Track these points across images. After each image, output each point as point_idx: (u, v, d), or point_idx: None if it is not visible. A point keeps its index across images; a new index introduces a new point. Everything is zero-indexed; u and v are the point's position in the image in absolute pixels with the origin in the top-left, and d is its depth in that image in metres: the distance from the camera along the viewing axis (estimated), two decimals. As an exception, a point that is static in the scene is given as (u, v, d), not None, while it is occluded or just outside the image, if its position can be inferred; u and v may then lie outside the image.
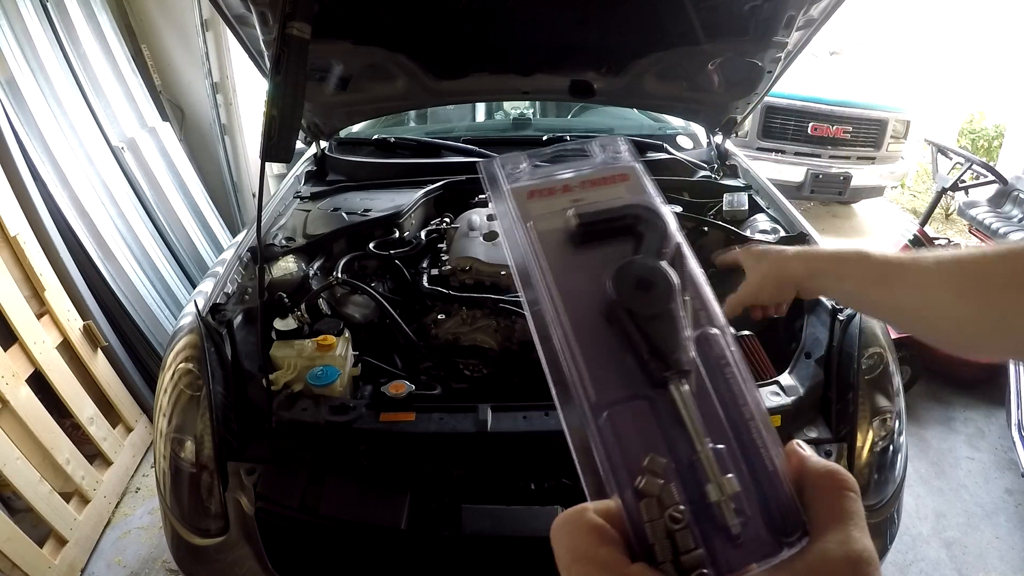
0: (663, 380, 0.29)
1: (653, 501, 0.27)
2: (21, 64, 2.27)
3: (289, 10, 1.18)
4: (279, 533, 1.16)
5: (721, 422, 0.29)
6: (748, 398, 0.30)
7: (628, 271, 0.31)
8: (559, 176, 0.36)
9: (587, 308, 0.31)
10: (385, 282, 1.66)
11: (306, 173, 2.11)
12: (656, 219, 0.34)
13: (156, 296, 2.60)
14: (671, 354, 0.29)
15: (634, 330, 0.30)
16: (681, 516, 0.27)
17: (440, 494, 1.16)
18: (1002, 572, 1.97)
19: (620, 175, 0.36)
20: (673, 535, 0.26)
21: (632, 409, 0.29)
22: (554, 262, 0.32)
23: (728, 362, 0.31)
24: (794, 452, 0.30)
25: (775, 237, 1.64)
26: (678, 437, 0.29)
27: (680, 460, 0.28)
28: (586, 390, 0.29)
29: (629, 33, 1.65)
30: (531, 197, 0.35)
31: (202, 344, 1.24)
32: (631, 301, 0.30)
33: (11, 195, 2.01)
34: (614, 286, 0.31)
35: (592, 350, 0.30)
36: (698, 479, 0.28)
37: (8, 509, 1.81)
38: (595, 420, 0.29)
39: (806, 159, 4.27)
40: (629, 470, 0.28)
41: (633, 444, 0.28)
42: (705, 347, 0.31)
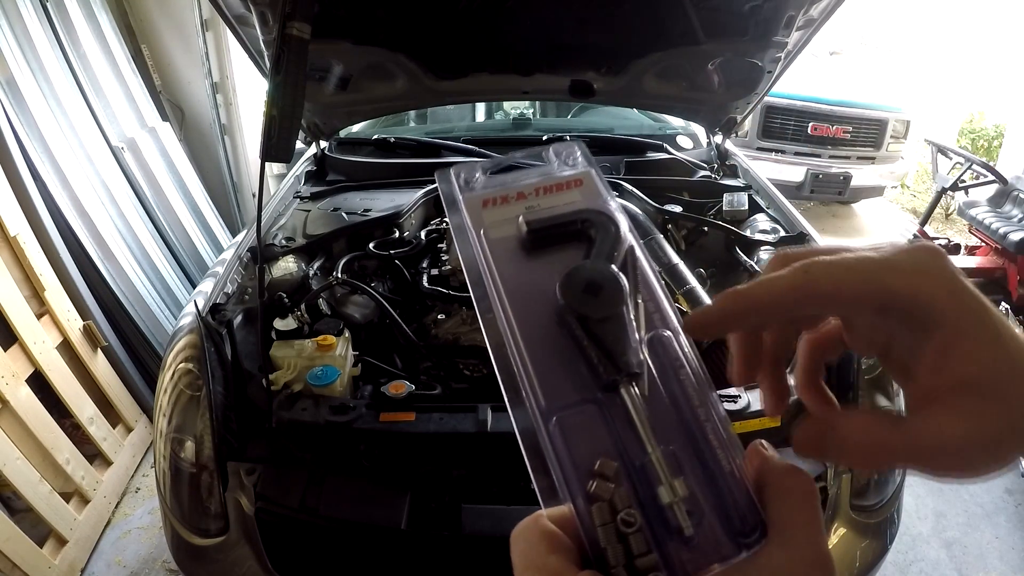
0: (613, 383, 0.29)
1: (605, 505, 0.27)
2: (21, 64, 2.27)
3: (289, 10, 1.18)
4: (279, 533, 1.16)
5: (674, 424, 0.29)
6: (704, 400, 0.30)
7: (576, 276, 0.31)
8: (513, 184, 0.36)
9: (538, 314, 0.31)
10: (385, 282, 1.66)
11: (306, 173, 2.11)
12: (607, 223, 0.34)
13: (156, 296, 2.60)
14: (620, 357, 0.29)
15: (583, 334, 0.30)
16: (633, 520, 0.26)
17: (440, 494, 1.16)
18: (1002, 572, 1.97)
19: (575, 180, 0.36)
20: (626, 538, 0.26)
21: (582, 413, 0.29)
22: (504, 269, 0.32)
23: (682, 364, 0.31)
24: (755, 452, 0.29)
25: (775, 238, 1.64)
26: (629, 440, 0.28)
27: (631, 463, 0.28)
28: (536, 396, 0.29)
29: (629, 33, 1.65)
30: (485, 206, 0.35)
31: (202, 344, 1.24)
32: (580, 305, 0.30)
33: (11, 195, 2.01)
34: (562, 291, 0.31)
35: (542, 356, 0.30)
36: (650, 482, 0.28)
37: (8, 509, 1.81)
38: (545, 425, 0.29)
39: (806, 159, 4.27)
40: (580, 474, 0.28)
41: (584, 448, 0.28)
42: (659, 349, 0.31)
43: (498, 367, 0.31)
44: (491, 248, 0.33)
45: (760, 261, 1.58)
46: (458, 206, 0.36)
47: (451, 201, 0.36)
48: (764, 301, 0.29)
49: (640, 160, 2.11)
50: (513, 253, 0.33)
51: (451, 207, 0.36)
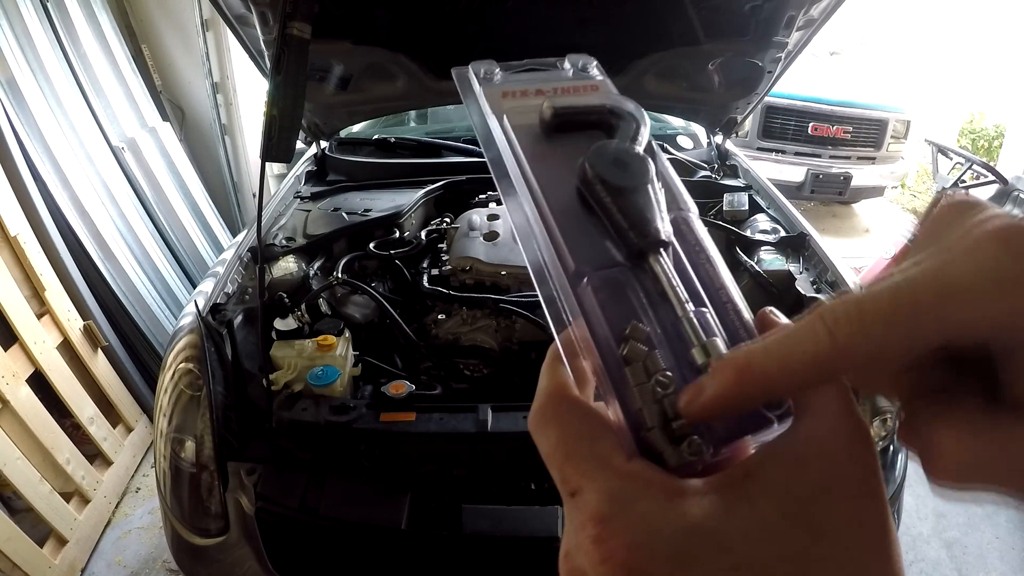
0: (642, 250, 0.29)
1: (639, 366, 0.26)
2: (21, 64, 2.27)
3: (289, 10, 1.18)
4: (279, 533, 1.16)
5: (700, 295, 0.29)
6: (723, 281, 0.29)
7: (604, 150, 0.31)
8: (532, 82, 0.36)
9: (563, 191, 0.31)
10: (385, 282, 1.66)
11: (306, 173, 2.11)
12: (629, 114, 0.34)
13: (156, 296, 2.60)
14: (651, 223, 0.29)
15: (611, 203, 0.29)
16: (668, 381, 0.25)
17: (440, 494, 1.16)
18: (1002, 572, 1.97)
19: (591, 86, 0.37)
20: (661, 401, 0.25)
21: (612, 277, 0.28)
22: (528, 149, 0.32)
23: (701, 247, 0.30)
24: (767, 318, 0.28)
25: (775, 238, 1.64)
26: (659, 305, 0.28)
27: (664, 327, 0.27)
28: (564, 260, 0.29)
29: (629, 33, 1.65)
30: (505, 97, 0.35)
31: (202, 344, 1.24)
32: (608, 175, 0.30)
33: (11, 195, 2.01)
34: (590, 161, 0.30)
35: (570, 226, 0.30)
36: (683, 345, 0.27)
37: (8, 509, 1.81)
38: (574, 288, 0.28)
39: (806, 159, 4.27)
40: (613, 337, 0.27)
41: (614, 313, 0.27)
42: (681, 230, 0.31)
43: (523, 245, 0.31)
44: (513, 130, 0.33)
45: (760, 261, 1.58)
46: (476, 95, 0.35)
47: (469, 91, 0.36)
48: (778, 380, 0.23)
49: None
50: (535, 137, 0.33)
51: (468, 98, 0.36)
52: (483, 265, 1.50)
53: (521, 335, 1.45)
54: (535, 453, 0.27)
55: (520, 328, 1.44)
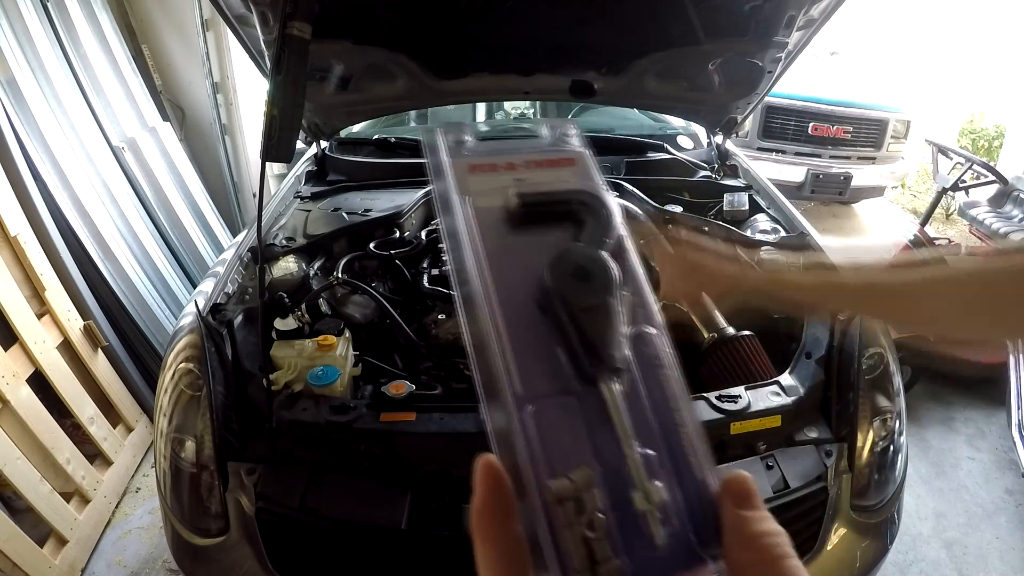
0: (594, 377, 0.28)
1: (571, 505, 0.25)
2: (21, 64, 2.27)
3: (289, 10, 1.18)
4: (279, 533, 1.16)
5: (651, 426, 0.28)
6: (680, 403, 0.28)
7: (567, 258, 0.29)
8: (503, 153, 0.34)
9: (521, 294, 0.29)
10: (385, 282, 1.65)
11: (306, 173, 2.11)
12: (600, 207, 0.32)
13: (156, 296, 2.60)
14: (605, 350, 0.28)
15: (568, 322, 0.28)
16: (599, 524, 0.25)
17: (440, 494, 1.16)
18: (1002, 572, 1.97)
19: (567, 159, 0.35)
20: (590, 542, 0.25)
21: (559, 405, 0.27)
22: (490, 242, 0.30)
23: (662, 364, 0.29)
24: (732, 511, 0.27)
25: (775, 238, 1.64)
26: (606, 438, 0.27)
27: (606, 462, 0.27)
28: (512, 381, 0.27)
29: (629, 33, 1.65)
30: (472, 171, 0.33)
31: (202, 344, 1.24)
32: (567, 290, 0.28)
33: (11, 195, 2.01)
34: (551, 273, 0.29)
35: (522, 339, 0.28)
36: (624, 484, 0.26)
37: (8, 509, 1.81)
38: (519, 413, 0.27)
39: (806, 159, 4.26)
40: (550, 470, 0.26)
41: (557, 442, 0.27)
42: (641, 346, 0.29)
43: (471, 345, 0.29)
44: (476, 217, 0.31)
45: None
46: (443, 168, 0.33)
47: (436, 162, 0.34)
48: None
49: (641, 160, 2.11)
50: (498, 225, 0.31)
51: (435, 167, 0.34)
52: (483, 265, 1.50)
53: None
54: None
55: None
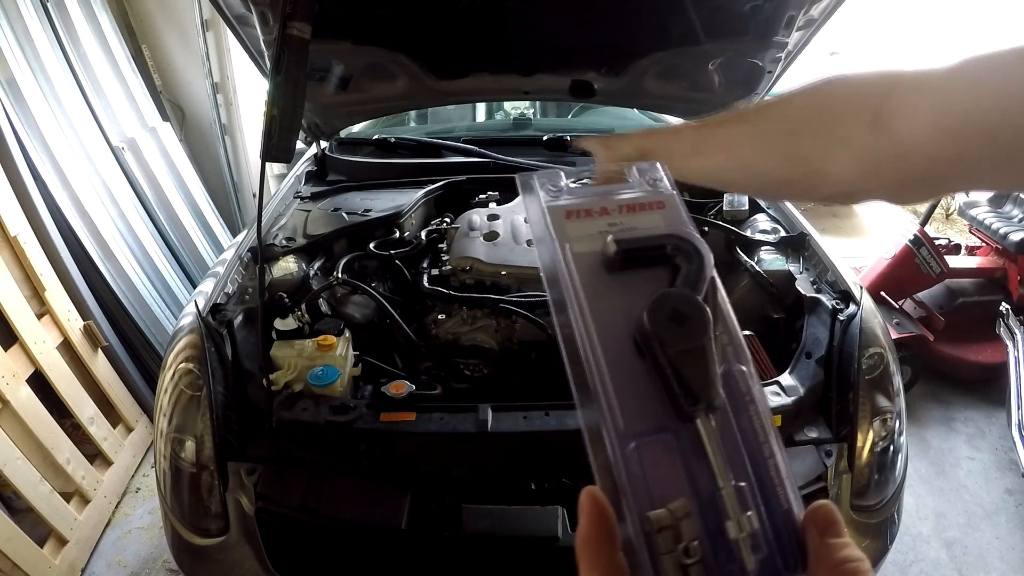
0: (691, 416, 0.30)
1: (669, 534, 0.27)
2: (21, 64, 2.27)
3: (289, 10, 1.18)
4: (279, 533, 1.16)
5: (743, 458, 0.30)
6: (768, 436, 0.31)
7: (665, 302, 0.31)
8: (597, 198, 0.36)
9: (618, 335, 0.31)
10: (385, 282, 1.66)
11: (306, 173, 2.11)
12: (694, 251, 0.34)
13: (156, 296, 2.60)
14: (701, 390, 0.30)
15: (666, 364, 0.30)
16: (695, 551, 0.27)
17: (440, 494, 1.16)
18: (1002, 572, 1.97)
19: (657, 202, 0.36)
20: (687, 569, 0.27)
21: (658, 441, 0.30)
22: (588, 286, 0.32)
23: (752, 399, 0.31)
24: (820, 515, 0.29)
25: (775, 238, 1.64)
26: (701, 471, 0.29)
27: (701, 494, 0.29)
28: (615, 419, 0.30)
29: (629, 33, 1.65)
30: (568, 217, 0.35)
31: (202, 344, 1.24)
32: (666, 333, 0.30)
33: (11, 195, 2.01)
34: (649, 316, 0.30)
35: (621, 378, 0.30)
36: (718, 514, 0.28)
37: (8, 509, 1.81)
38: (622, 449, 0.29)
39: (806, 159, 4.26)
40: (650, 501, 0.28)
41: (656, 475, 0.29)
42: (731, 383, 0.31)
43: (574, 384, 0.31)
44: (575, 262, 0.33)
45: (760, 261, 1.58)
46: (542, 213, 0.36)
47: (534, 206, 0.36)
48: None
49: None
50: (596, 270, 0.33)
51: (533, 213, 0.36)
52: (483, 265, 1.50)
53: (521, 335, 1.45)
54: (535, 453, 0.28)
55: (520, 328, 1.44)
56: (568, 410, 1.17)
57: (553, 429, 1.14)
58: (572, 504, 1.11)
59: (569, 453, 1.16)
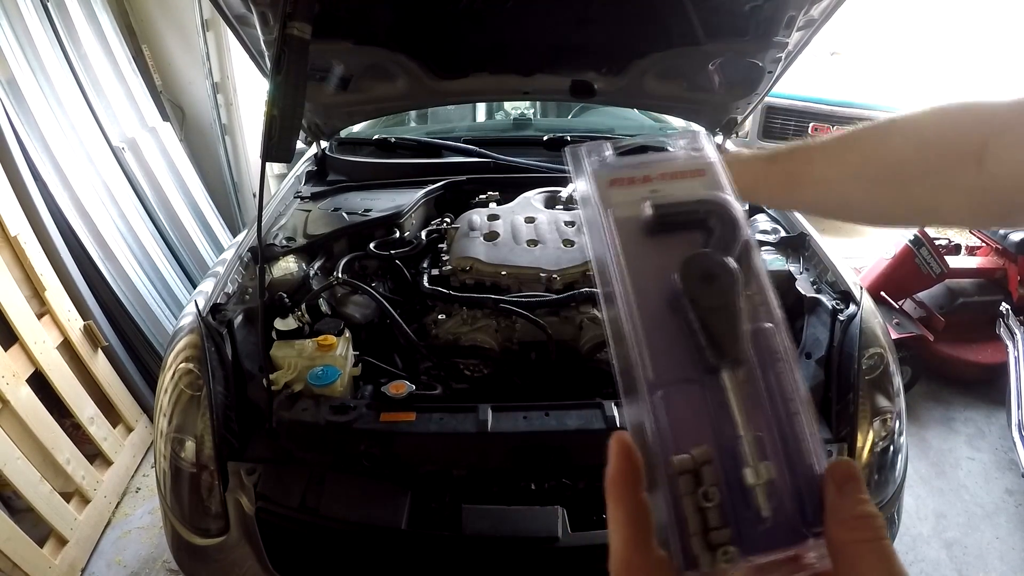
0: (716, 367, 0.31)
1: (690, 477, 0.29)
2: (21, 64, 2.27)
3: (289, 10, 1.18)
4: (279, 533, 1.16)
5: (766, 412, 0.31)
6: (796, 393, 0.32)
7: (695, 263, 0.33)
8: (640, 167, 0.38)
9: (654, 294, 0.33)
10: (385, 282, 1.65)
11: (306, 173, 2.11)
12: (728, 215, 0.35)
13: (156, 296, 2.60)
14: (727, 344, 0.31)
15: (695, 319, 0.32)
16: (713, 495, 0.29)
17: (440, 494, 1.16)
18: (1002, 572, 1.97)
19: (698, 170, 0.38)
20: (704, 511, 0.29)
21: (685, 391, 0.31)
22: (627, 248, 0.34)
23: (780, 357, 0.32)
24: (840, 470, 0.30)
25: (775, 238, 1.64)
26: (724, 421, 0.31)
27: (722, 443, 0.30)
28: (645, 369, 0.31)
29: (629, 33, 1.65)
30: (612, 185, 0.37)
31: (202, 344, 1.24)
32: (695, 292, 0.32)
33: (11, 195, 2.01)
34: (681, 276, 0.32)
35: (654, 333, 0.32)
36: (737, 462, 0.30)
37: (8, 509, 1.81)
38: (651, 397, 0.31)
39: (806, 159, 4.26)
40: (674, 446, 0.30)
41: (681, 423, 0.31)
42: (761, 340, 0.33)
43: (611, 335, 0.33)
44: (616, 227, 0.35)
45: (762, 261, 1.58)
46: (587, 181, 0.38)
47: (581, 174, 0.38)
48: None
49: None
50: (636, 233, 0.35)
51: (580, 181, 0.38)
52: (483, 265, 1.50)
53: (521, 335, 1.45)
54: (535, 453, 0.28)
55: (520, 328, 1.44)
56: (568, 410, 1.17)
57: (553, 429, 1.14)
58: (572, 504, 1.12)
59: (569, 453, 1.16)
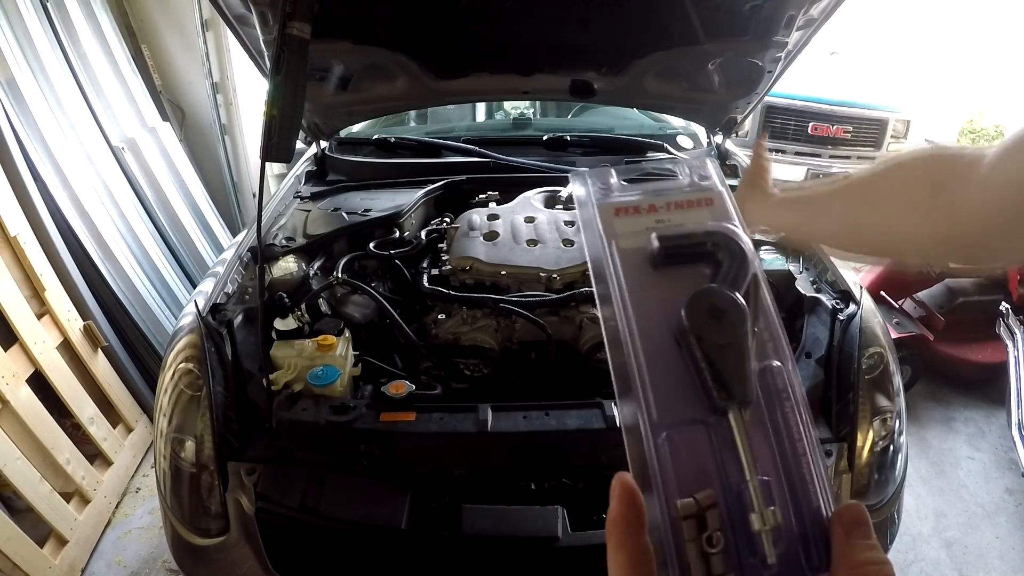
0: (724, 409, 0.30)
1: (694, 522, 0.29)
2: (21, 64, 2.27)
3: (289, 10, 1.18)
4: (279, 533, 1.16)
5: (774, 454, 0.31)
6: (803, 433, 0.31)
7: (702, 298, 0.32)
8: (645, 196, 0.37)
9: (659, 328, 0.32)
10: (385, 282, 1.65)
11: (306, 173, 2.11)
12: (737, 248, 0.34)
13: (156, 296, 2.60)
14: (734, 384, 0.31)
15: (701, 357, 0.31)
16: (718, 541, 0.28)
17: (440, 494, 1.16)
18: (1002, 572, 1.97)
19: (705, 199, 0.37)
20: (708, 557, 0.28)
21: (690, 432, 0.31)
22: (632, 281, 0.34)
23: (788, 396, 0.32)
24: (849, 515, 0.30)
25: (775, 237, 1.64)
26: (729, 464, 0.30)
27: (728, 486, 0.30)
28: (649, 409, 0.31)
29: (629, 33, 1.65)
30: (618, 214, 0.36)
31: (202, 344, 1.24)
32: (702, 328, 0.31)
33: (11, 195, 2.01)
34: (687, 312, 0.32)
35: (658, 370, 0.31)
36: (743, 505, 0.29)
37: (8, 509, 1.81)
38: (654, 439, 0.30)
39: (806, 159, 4.26)
40: (678, 490, 0.29)
41: (686, 466, 0.30)
42: (768, 379, 0.32)
43: (614, 374, 0.32)
44: (620, 258, 0.34)
45: (761, 261, 1.58)
46: (591, 211, 0.37)
47: (584, 204, 0.37)
48: None
49: (640, 160, 2.11)
50: (641, 265, 0.34)
51: (583, 210, 0.37)
52: (483, 265, 1.50)
53: (521, 335, 1.45)
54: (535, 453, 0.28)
55: (520, 328, 1.44)
56: (568, 410, 1.17)
57: (553, 429, 1.14)
58: (572, 504, 1.12)
59: (569, 453, 1.16)
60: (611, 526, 0.30)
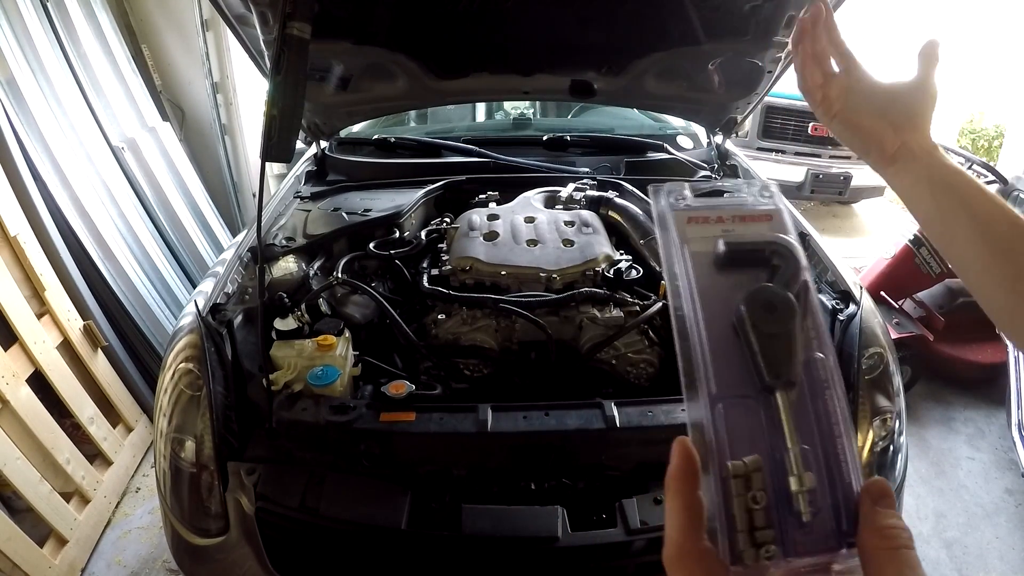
0: (771, 387, 0.36)
1: (741, 481, 0.33)
2: (21, 64, 2.27)
3: (289, 10, 1.18)
4: (279, 533, 1.16)
5: (812, 431, 0.35)
6: (840, 418, 0.36)
7: (759, 294, 0.37)
8: (716, 208, 0.42)
9: (720, 319, 0.38)
10: (385, 282, 1.65)
11: (306, 173, 2.11)
12: (791, 256, 0.39)
13: (156, 296, 2.60)
14: (782, 367, 0.36)
15: (755, 342, 0.36)
16: (761, 498, 0.33)
17: (440, 494, 1.16)
18: (1002, 572, 1.97)
19: (766, 215, 0.42)
20: (752, 512, 0.33)
21: (742, 405, 0.36)
22: (699, 278, 0.39)
23: (829, 386, 0.37)
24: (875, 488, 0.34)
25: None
26: (774, 435, 0.35)
27: (773, 453, 0.35)
28: (709, 383, 0.36)
29: (629, 33, 1.65)
30: (689, 222, 0.41)
31: (202, 344, 1.24)
32: (757, 318, 0.37)
33: (11, 195, 2.01)
34: (746, 304, 0.37)
35: (719, 353, 0.37)
36: (784, 472, 0.34)
37: (8, 509, 1.81)
38: (712, 408, 0.35)
39: (806, 159, 4.27)
40: (729, 453, 0.34)
41: (737, 433, 0.35)
42: (812, 369, 0.37)
43: (680, 355, 0.37)
44: (691, 259, 0.40)
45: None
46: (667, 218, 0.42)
47: (661, 214, 0.42)
48: None
49: (640, 160, 2.11)
50: (708, 266, 0.40)
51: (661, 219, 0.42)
52: (483, 265, 1.50)
53: (521, 335, 1.45)
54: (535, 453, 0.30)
55: (520, 328, 1.44)
56: (568, 410, 1.17)
57: (553, 429, 1.14)
58: (572, 504, 1.12)
59: (569, 453, 1.16)
60: (670, 479, 0.35)
